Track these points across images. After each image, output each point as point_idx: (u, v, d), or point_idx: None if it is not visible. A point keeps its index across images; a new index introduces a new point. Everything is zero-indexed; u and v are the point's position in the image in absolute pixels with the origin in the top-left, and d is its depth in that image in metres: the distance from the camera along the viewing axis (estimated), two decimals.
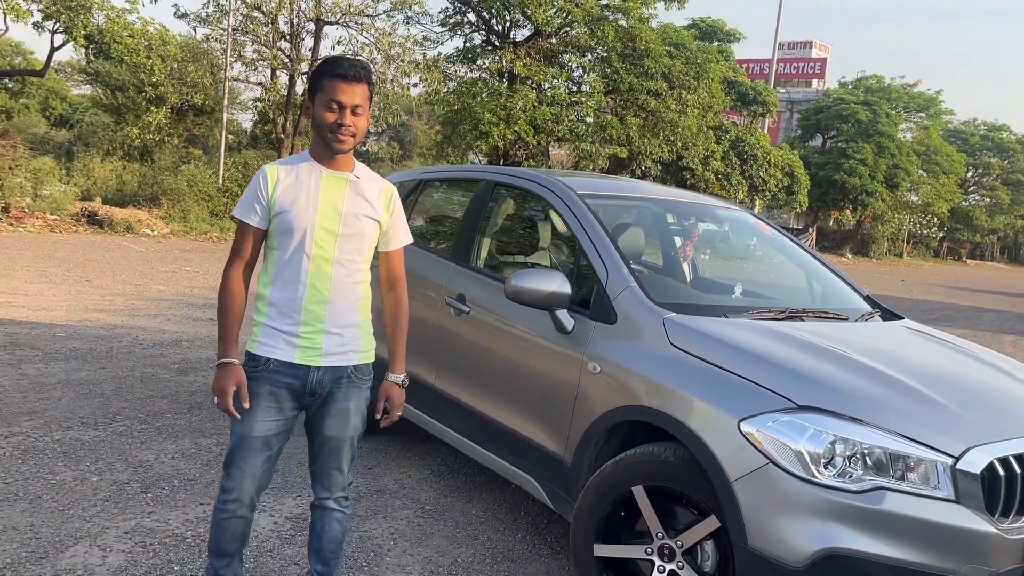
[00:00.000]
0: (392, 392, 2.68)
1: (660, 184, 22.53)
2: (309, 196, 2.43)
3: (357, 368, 2.57)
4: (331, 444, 2.58)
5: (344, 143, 2.40)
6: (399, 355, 2.71)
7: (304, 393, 2.50)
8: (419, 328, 4.16)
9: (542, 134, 22.70)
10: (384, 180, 2.60)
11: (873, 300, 3.89)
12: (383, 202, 2.55)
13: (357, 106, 2.39)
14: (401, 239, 2.66)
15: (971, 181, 54.20)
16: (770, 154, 30.31)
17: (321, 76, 2.40)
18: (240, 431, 2.48)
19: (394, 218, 2.60)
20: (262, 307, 2.49)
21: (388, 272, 2.67)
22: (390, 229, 2.60)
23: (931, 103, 46.05)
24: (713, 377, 2.76)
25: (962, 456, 2.43)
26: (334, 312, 2.48)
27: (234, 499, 2.51)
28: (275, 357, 2.45)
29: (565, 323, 3.26)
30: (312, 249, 2.43)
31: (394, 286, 2.69)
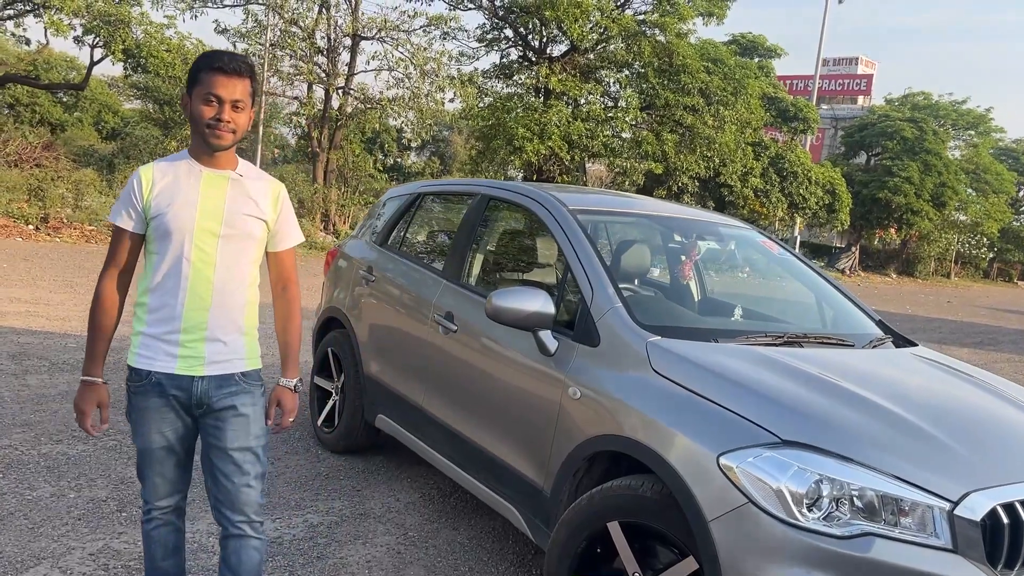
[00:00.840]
0: (284, 397, 2.53)
1: (697, 201, 22.27)
2: (188, 197, 2.31)
3: (246, 374, 2.42)
4: (235, 457, 2.40)
5: (223, 139, 2.28)
6: (291, 359, 2.56)
7: (191, 405, 2.37)
8: (410, 346, 4.03)
9: (576, 150, 22.54)
10: (271, 177, 2.49)
11: (886, 325, 3.65)
12: (270, 200, 2.43)
13: (237, 101, 2.27)
14: (291, 239, 2.52)
15: (1023, 200, 52.66)
16: (811, 171, 29.72)
17: (198, 70, 2.28)
18: (140, 444, 2.41)
19: (282, 217, 2.47)
20: (141, 315, 2.36)
21: (278, 274, 2.54)
22: (279, 229, 2.47)
23: (981, 120, 44.85)
24: (694, 407, 2.57)
25: (961, 501, 2.21)
26: (217, 319, 2.34)
27: (155, 507, 2.46)
28: (156, 369, 2.33)
29: (548, 344, 3.09)
30: (192, 253, 2.30)
31: (286, 288, 2.54)
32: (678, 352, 2.79)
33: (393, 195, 4.99)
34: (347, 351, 4.64)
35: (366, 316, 4.53)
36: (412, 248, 4.60)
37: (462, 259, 3.94)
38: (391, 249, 4.60)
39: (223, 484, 2.43)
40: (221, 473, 2.42)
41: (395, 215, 4.72)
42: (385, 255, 4.59)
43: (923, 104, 43.82)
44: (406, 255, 4.48)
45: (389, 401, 4.25)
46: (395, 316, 4.27)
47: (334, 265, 5.14)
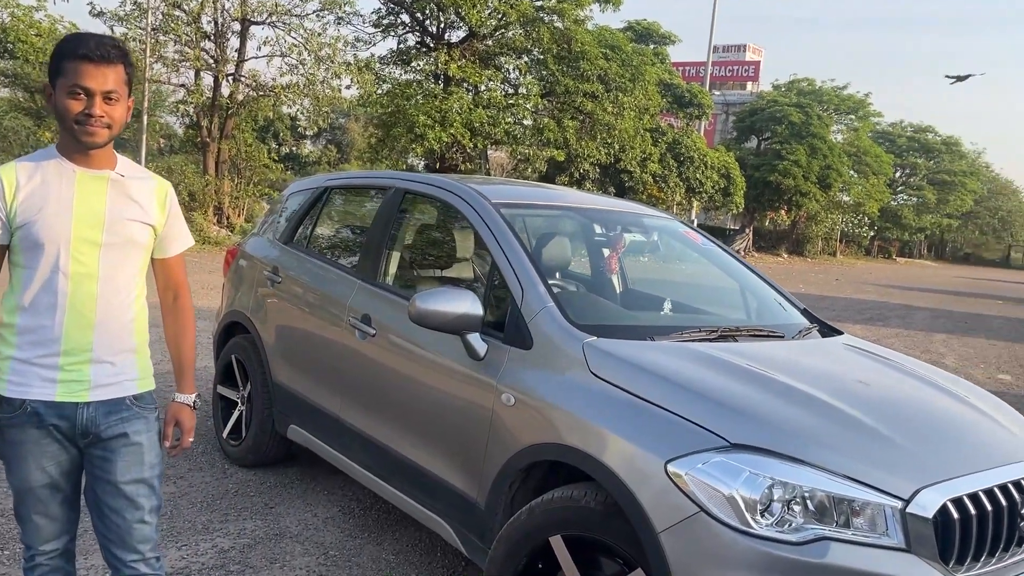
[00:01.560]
0: (182, 415, 2.29)
1: (598, 188, 22.48)
2: (61, 201, 2.02)
3: (139, 397, 2.17)
4: (127, 491, 2.14)
5: (96, 136, 2.00)
6: (187, 373, 2.33)
7: (76, 435, 2.10)
8: (323, 352, 3.79)
9: (479, 137, 22.36)
10: (156, 176, 2.22)
11: (811, 314, 3.63)
12: (156, 202, 2.17)
13: (110, 92, 1.99)
14: (180, 243, 2.28)
15: (899, 181, 55.59)
16: (706, 156, 30.49)
17: (61, 58, 1.98)
18: (17, 484, 2.12)
19: (171, 219, 2.22)
20: (9, 337, 2.06)
21: (167, 282, 2.30)
22: (168, 233, 2.22)
23: (860, 105, 47.00)
24: (637, 411, 2.44)
25: (913, 498, 2.16)
26: (104, 337, 2.08)
27: (39, 552, 2.18)
28: (31, 397, 2.04)
29: (477, 348, 2.91)
30: (70, 265, 2.03)
31: (177, 297, 2.31)
32: (616, 353, 2.66)
33: (297, 189, 4.70)
34: (253, 358, 4.34)
35: (273, 320, 4.25)
36: (321, 246, 4.33)
37: (377, 257, 3.71)
38: (297, 247, 4.32)
39: (113, 522, 2.16)
40: (110, 509, 2.15)
41: (300, 211, 4.43)
42: (291, 254, 4.30)
43: (808, 90, 45.55)
44: (314, 254, 4.21)
45: (302, 411, 3.99)
46: (305, 320, 4.01)
47: (234, 265, 4.81)
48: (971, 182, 56.70)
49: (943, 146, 55.85)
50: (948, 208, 56.45)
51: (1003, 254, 76.81)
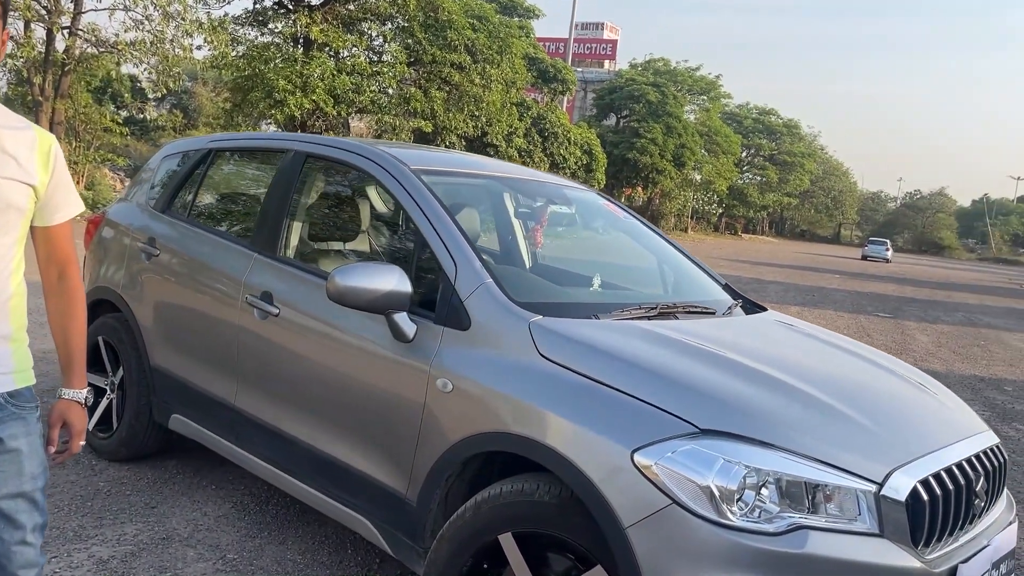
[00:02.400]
0: (71, 413, 1.95)
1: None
2: None
3: (15, 394, 1.81)
4: (4, 508, 1.79)
5: None
6: (77, 363, 1.97)
7: None
8: (214, 333, 3.40)
9: (342, 104, 21.55)
10: (38, 127, 1.84)
11: (732, 289, 3.57)
12: (38, 158, 1.80)
13: None
14: (69, 207, 1.91)
15: (745, 161, 58.55)
16: (570, 132, 30.84)
17: None
18: None
19: (56, 180, 1.85)
20: None
21: (51, 255, 1.93)
22: (52, 195, 1.86)
23: (712, 87, 49.01)
24: (596, 396, 2.25)
25: (886, 481, 2.09)
26: None
27: None
28: None
29: (405, 329, 2.63)
30: None
31: (63, 274, 1.94)
32: (566, 333, 2.46)
33: (172, 152, 4.20)
34: (125, 340, 3.86)
35: (150, 297, 3.78)
36: (205, 215, 3.88)
37: (276, 228, 3.34)
38: (176, 216, 3.85)
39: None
40: None
41: (179, 175, 3.96)
42: (170, 224, 3.84)
43: (663, 70, 46.99)
44: (198, 224, 3.76)
45: (187, 398, 3.57)
46: (191, 297, 3.58)
47: (98, 236, 4.26)
48: (808, 163, 60.52)
49: (784, 128, 59.23)
50: (788, 187, 60.08)
51: (834, 231, 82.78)
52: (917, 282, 29.22)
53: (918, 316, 16.08)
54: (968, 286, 30.23)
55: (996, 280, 38.08)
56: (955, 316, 17.05)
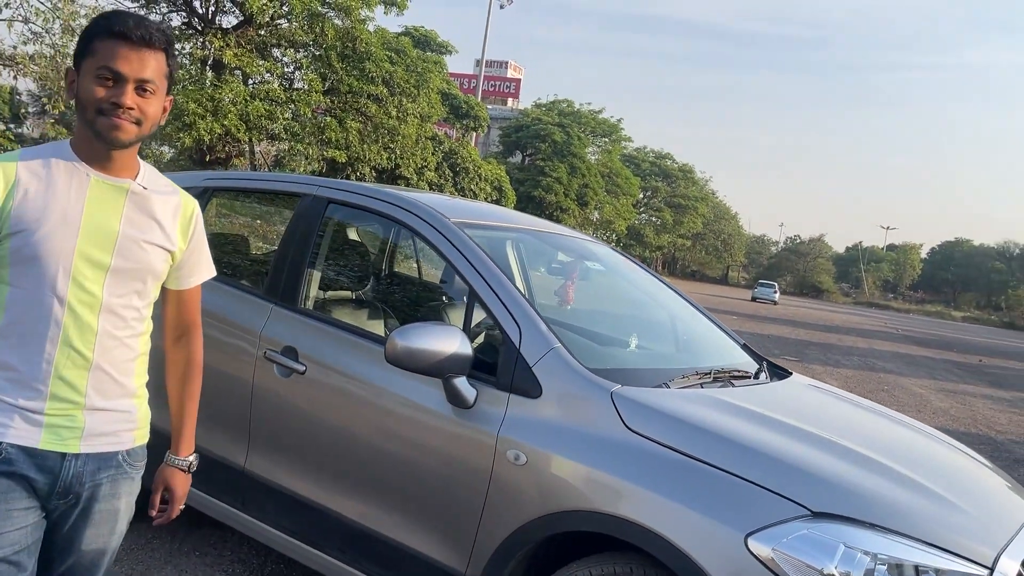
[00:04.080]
0: (175, 481, 1.97)
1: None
2: (68, 211, 1.63)
3: (132, 452, 1.82)
4: (87, 559, 1.79)
5: (121, 131, 1.61)
6: (188, 429, 2.01)
7: (53, 493, 1.68)
8: (222, 390, 3.14)
9: (255, 131, 20.97)
10: (183, 192, 1.82)
11: (751, 350, 3.57)
12: (180, 223, 1.81)
13: (146, 82, 1.63)
14: (202, 272, 1.94)
15: (642, 202, 60.31)
16: (480, 168, 30.95)
17: (93, 36, 1.63)
18: None
19: (194, 245, 1.87)
20: None
21: (179, 317, 1.95)
22: (187, 260, 1.87)
23: (613, 129, 50.36)
24: (696, 474, 2.17)
25: (995, 565, 2.08)
26: (101, 380, 1.71)
27: None
28: (9, 440, 1.61)
29: (466, 394, 2.49)
30: (68, 290, 1.64)
31: (185, 335, 1.98)
32: (653, 405, 2.37)
33: None
34: None
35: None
36: None
37: (295, 278, 3.12)
38: None
39: None
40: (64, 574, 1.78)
41: None
42: None
43: (567, 111, 48.00)
44: None
45: None
46: None
47: None
48: (701, 206, 62.89)
49: (680, 172, 61.43)
50: (682, 229, 62.17)
51: (723, 272, 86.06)
52: (808, 325, 30.58)
53: (821, 360, 16.77)
54: (853, 329, 31.86)
55: (874, 324, 40.33)
56: (852, 360, 17.89)
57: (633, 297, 3.77)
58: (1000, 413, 11.90)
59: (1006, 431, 10.20)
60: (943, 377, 16.84)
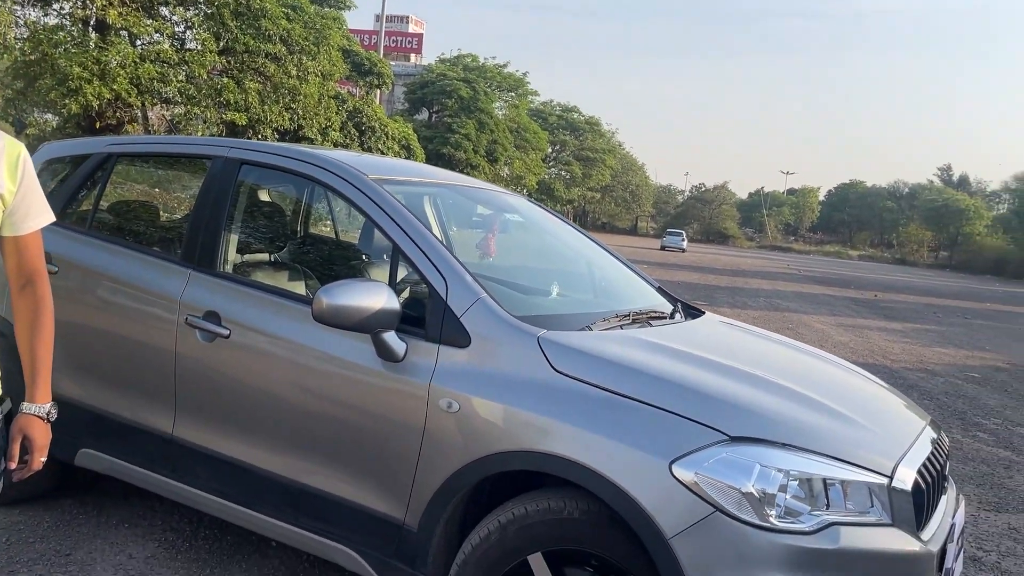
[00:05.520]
0: (34, 430, 1.92)
1: None
2: None
3: None
4: None
5: None
6: (43, 377, 1.97)
7: None
8: (137, 357, 3.11)
9: (147, 95, 20.06)
10: (5, 136, 1.81)
11: (666, 292, 3.71)
12: (6, 166, 1.81)
13: None
14: (39, 217, 1.91)
15: (551, 157, 60.57)
16: (387, 127, 30.46)
17: None
18: None
19: (25, 188, 1.85)
20: None
21: (21, 265, 1.92)
22: (20, 205, 1.86)
23: (519, 83, 50.10)
24: (621, 409, 2.28)
25: (894, 473, 2.27)
26: None
27: None
28: None
29: (395, 348, 2.53)
30: None
31: (30, 283, 1.93)
32: (578, 347, 2.47)
33: (55, 156, 3.73)
34: (12, 369, 3.40)
35: None
36: (113, 227, 3.50)
37: (213, 241, 3.08)
38: (76, 229, 3.44)
39: None
40: None
41: (73, 183, 3.53)
42: (66, 237, 3.42)
43: (472, 65, 47.46)
44: (105, 236, 3.39)
45: (102, 431, 3.22)
46: (102, 317, 3.22)
47: None
48: (609, 159, 63.57)
49: (587, 125, 61.84)
50: (591, 182, 62.82)
51: (632, 223, 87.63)
52: (715, 270, 31.56)
53: (729, 303, 17.39)
54: (758, 272, 33.06)
55: (778, 267, 41.93)
56: (759, 301, 18.62)
57: (552, 247, 3.85)
58: (894, 344, 12.65)
59: (899, 359, 10.86)
60: (842, 313, 17.72)
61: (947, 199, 78.82)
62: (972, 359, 11.76)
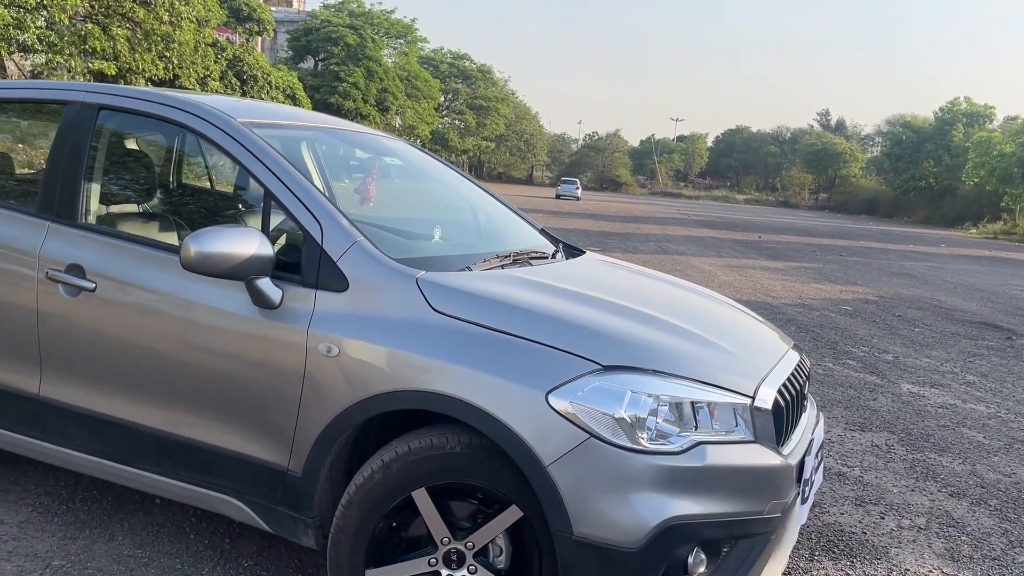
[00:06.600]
0: None
1: None
2: None
3: None
4: None
5: None
6: None
7: None
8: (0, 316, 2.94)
9: (2, 43, 18.66)
10: None
11: (548, 234, 3.76)
12: None
13: None
14: None
15: (444, 106, 59.86)
16: (270, 75, 29.40)
17: None
18: None
19: None
20: None
21: None
22: None
23: (408, 30, 49.12)
24: (498, 345, 2.32)
25: (755, 394, 2.40)
26: None
27: None
28: None
29: (271, 295, 2.49)
30: None
31: None
32: (456, 286, 2.48)
33: None
34: None
35: None
36: None
37: (72, 192, 2.92)
38: None
39: None
40: None
41: None
42: None
43: (358, 11, 46.14)
44: None
45: None
46: None
47: None
48: (503, 107, 63.32)
49: (479, 73, 61.28)
50: (485, 131, 62.51)
51: (528, 173, 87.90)
52: (608, 217, 32.13)
53: (621, 248, 17.78)
54: (649, 218, 33.86)
55: (669, 212, 43.03)
56: (649, 246, 19.11)
57: (434, 191, 3.84)
58: (775, 282, 13.25)
59: (780, 296, 11.40)
60: (728, 255, 18.40)
61: (825, 143, 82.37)
62: (845, 293, 12.46)
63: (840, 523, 3.70)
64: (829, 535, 3.56)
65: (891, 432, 5.14)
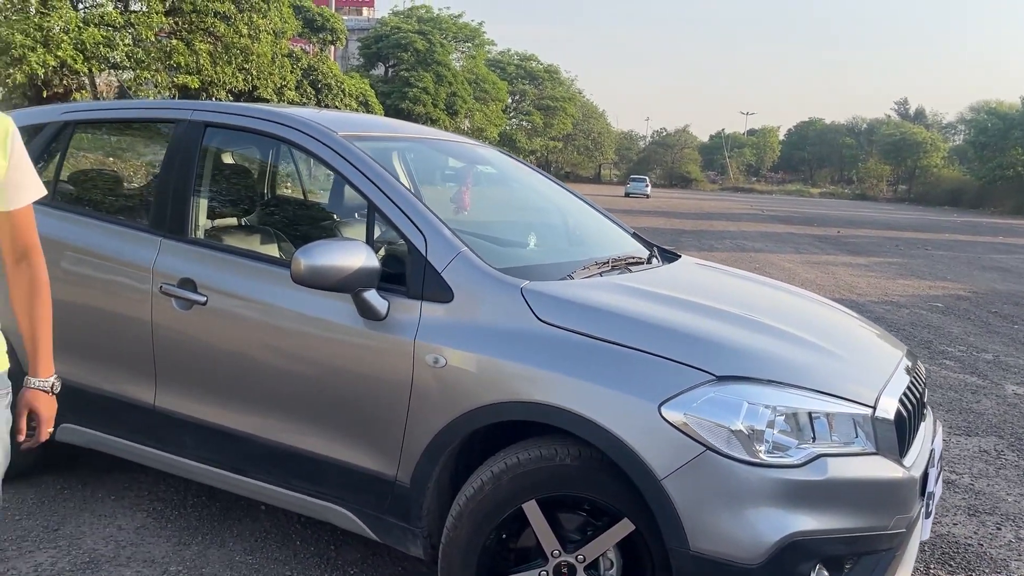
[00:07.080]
0: (39, 403, 1.96)
1: None
2: None
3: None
4: None
5: None
6: (44, 350, 1.97)
7: None
8: (114, 328, 3.06)
9: (93, 60, 19.45)
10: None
11: (641, 237, 3.72)
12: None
13: None
14: (27, 191, 1.90)
15: (512, 107, 60.05)
16: (343, 83, 29.95)
17: None
18: None
19: (15, 163, 1.85)
20: None
21: (14, 239, 1.91)
22: (11, 179, 1.85)
23: (475, 33, 49.41)
24: (607, 355, 2.29)
25: (877, 404, 2.32)
26: None
27: None
28: None
29: (377, 307, 2.52)
30: None
31: (25, 257, 1.92)
32: (561, 296, 2.47)
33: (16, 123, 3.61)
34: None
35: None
36: (77, 197, 3.40)
37: (182, 208, 3.01)
38: (38, 201, 3.34)
39: None
40: None
41: (31, 155, 3.42)
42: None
43: (427, 17, 46.65)
44: (68, 207, 3.30)
45: (83, 405, 3.17)
46: (79, 291, 3.15)
47: None
48: (569, 107, 63.19)
49: (545, 73, 61.29)
50: (552, 131, 62.47)
51: (595, 171, 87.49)
52: (680, 215, 31.72)
53: (696, 246, 17.52)
54: (722, 215, 33.29)
55: (741, 208, 42.23)
56: (725, 243, 18.78)
57: (526, 197, 3.83)
58: (859, 278, 12.86)
59: (865, 293, 11.06)
60: (807, 251, 17.95)
61: (904, 133, 79.63)
62: (935, 289, 12.01)
63: (954, 534, 3.55)
64: (944, 547, 3.42)
65: (999, 437, 4.92)
